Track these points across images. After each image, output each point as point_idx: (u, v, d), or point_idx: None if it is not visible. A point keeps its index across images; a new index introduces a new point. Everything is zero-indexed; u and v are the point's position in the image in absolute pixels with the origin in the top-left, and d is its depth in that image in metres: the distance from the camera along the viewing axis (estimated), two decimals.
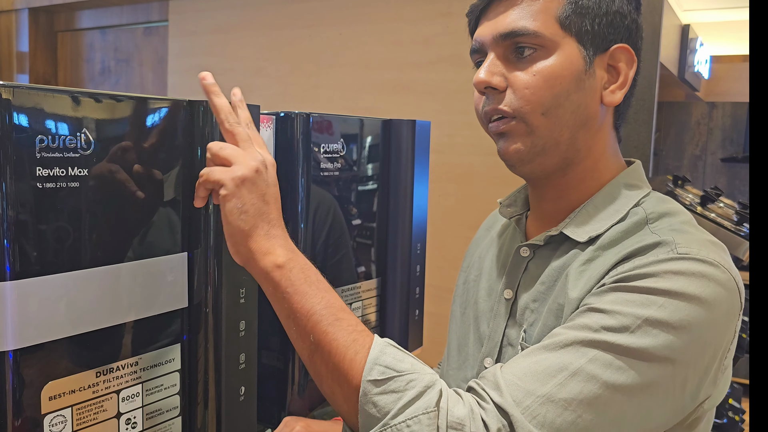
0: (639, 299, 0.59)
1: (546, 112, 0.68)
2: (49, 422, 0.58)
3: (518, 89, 0.69)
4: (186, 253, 0.70)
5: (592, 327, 0.58)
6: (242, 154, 0.66)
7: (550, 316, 0.68)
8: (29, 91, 0.55)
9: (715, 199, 1.82)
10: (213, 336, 0.71)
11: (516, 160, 0.71)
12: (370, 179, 1.00)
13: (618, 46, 0.71)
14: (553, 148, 0.70)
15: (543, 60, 0.68)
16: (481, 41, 0.72)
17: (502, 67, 0.70)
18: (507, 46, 0.70)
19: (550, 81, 0.68)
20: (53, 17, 2.72)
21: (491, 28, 0.71)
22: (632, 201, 0.71)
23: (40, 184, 0.56)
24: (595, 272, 0.65)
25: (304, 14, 2.00)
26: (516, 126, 0.69)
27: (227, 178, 0.64)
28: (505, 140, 0.71)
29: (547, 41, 0.68)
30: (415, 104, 1.81)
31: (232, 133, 0.67)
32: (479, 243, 0.92)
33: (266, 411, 0.92)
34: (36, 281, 0.56)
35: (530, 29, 0.68)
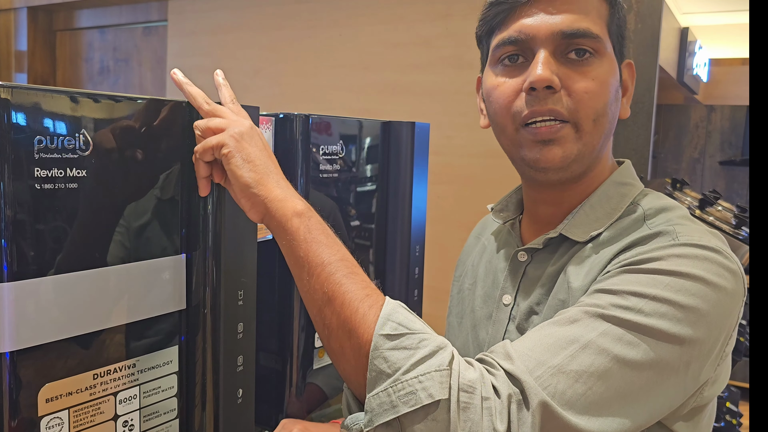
0: (646, 279, 0.59)
1: (596, 119, 0.67)
2: (45, 424, 0.58)
3: (576, 92, 0.66)
4: (184, 255, 0.70)
5: (602, 305, 0.58)
6: (231, 119, 0.67)
7: (550, 312, 0.68)
8: (28, 91, 0.54)
9: (713, 203, 1.82)
10: (211, 338, 0.71)
11: (557, 167, 0.68)
12: (369, 181, 1.00)
13: (628, 61, 0.73)
14: (588, 156, 0.69)
15: (598, 65, 0.67)
16: (529, 34, 0.67)
17: (555, 65, 0.66)
18: (564, 45, 0.67)
19: (605, 87, 0.67)
20: (52, 16, 2.71)
21: (548, 22, 0.66)
22: (628, 199, 0.71)
23: (38, 185, 0.55)
24: (597, 263, 0.65)
25: (304, 15, 1.99)
26: (567, 131, 0.67)
27: (225, 137, 0.65)
28: (551, 146, 0.67)
29: (602, 47, 0.67)
30: (414, 106, 1.81)
31: (212, 112, 0.68)
32: (470, 252, 0.91)
33: (264, 413, 0.91)
34: (34, 282, 0.56)
35: (594, 32, 0.66)
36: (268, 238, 0.87)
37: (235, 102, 0.71)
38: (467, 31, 1.75)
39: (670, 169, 4.39)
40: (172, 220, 0.68)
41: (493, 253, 0.83)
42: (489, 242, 0.86)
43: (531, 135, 0.68)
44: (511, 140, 0.70)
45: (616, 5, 0.70)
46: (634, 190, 0.72)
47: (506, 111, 0.69)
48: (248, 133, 0.66)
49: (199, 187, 0.68)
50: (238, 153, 0.64)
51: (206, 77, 0.72)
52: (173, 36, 2.26)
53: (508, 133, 0.70)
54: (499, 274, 0.79)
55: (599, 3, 0.68)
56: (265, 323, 0.88)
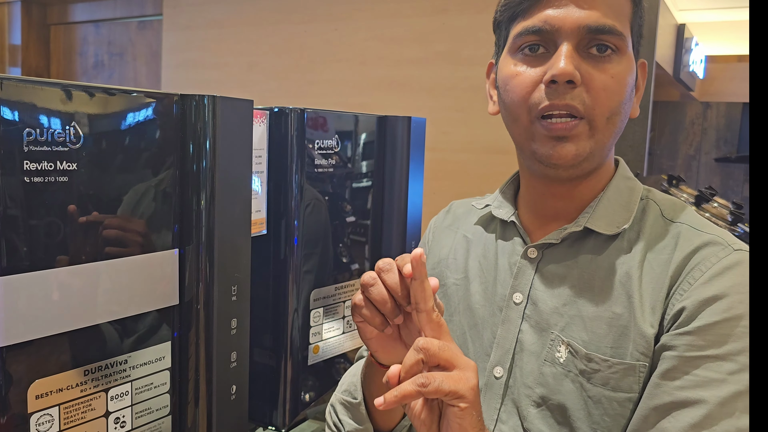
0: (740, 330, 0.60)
1: (610, 117, 0.67)
2: (35, 421, 0.57)
3: (594, 89, 0.65)
4: (177, 250, 0.69)
5: (719, 378, 0.60)
6: (460, 354, 0.59)
7: (600, 324, 0.67)
8: (17, 84, 0.53)
9: (709, 199, 1.82)
10: (204, 334, 0.70)
11: (570, 163, 0.67)
12: (365, 176, 0.99)
13: (642, 60, 0.73)
14: (599, 153, 0.69)
15: (618, 63, 0.67)
16: (555, 26, 0.66)
17: (577, 59, 0.66)
18: (588, 39, 0.66)
19: (622, 86, 0.67)
20: (46, 10, 2.70)
21: (574, 16, 0.65)
22: (636, 193, 0.73)
23: (28, 179, 0.55)
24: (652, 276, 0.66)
25: (300, 9, 1.98)
26: (582, 129, 0.66)
27: (466, 389, 0.56)
28: (564, 143, 0.67)
29: (625, 45, 0.67)
30: (410, 101, 1.81)
31: (438, 324, 0.60)
32: (443, 243, 0.85)
33: (258, 409, 0.91)
34: (24, 277, 0.55)
35: (619, 29, 0.66)
36: (262, 233, 0.87)
37: (438, 312, 0.61)
38: (464, 26, 1.74)
39: (666, 165, 4.40)
40: (165, 214, 0.67)
41: (486, 248, 0.79)
42: (475, 236, 0.82)
43: (545, 130, 0.67)
44: (525, 131, 0.69)
45: (639, 4, 0.70)
46: (638, 184, 0.74)
47: (523, 101, 0.68)
48: (478, 382, 0.59)
49: (385, 400, 0.56)
50: (475, 410, 0.57)
51: (201, 71, 0.71)
52: (168, 30, 2.25)
53: (522, 123, 0.69)
54: (503, 271, 0.76)
55: (624, 1, 0.68)
56: (259, 319, 0.88)
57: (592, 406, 0.66)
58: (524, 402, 0.70)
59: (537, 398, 0.69)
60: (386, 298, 0.63)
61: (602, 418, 0.65)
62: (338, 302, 0.96)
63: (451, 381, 0.56)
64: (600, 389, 0.65)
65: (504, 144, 1.62)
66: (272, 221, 0.88)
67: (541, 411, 0.69)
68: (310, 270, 0.90)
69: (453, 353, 0.58)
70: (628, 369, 0.64)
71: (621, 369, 0.64)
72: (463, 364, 0.58)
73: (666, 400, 0.61)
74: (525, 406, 0.70)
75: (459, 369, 0.57)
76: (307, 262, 0.90)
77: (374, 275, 0.64)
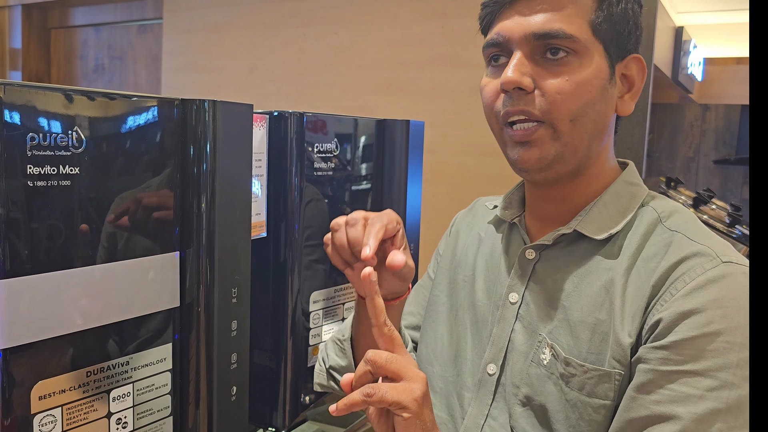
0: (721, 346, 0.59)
1: (574, 120, 0.67)
2: (38, 422, 0.58)
3: (549, 93, 0.66)
4: (178, 253, 0.70)
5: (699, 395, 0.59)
6: (408, 366, 0.61)
7: (584, 329, 0.67)
8: (20, 89, 0.54)
9: (707, 201, 1.83)
10: (205, 336, 0.71)
11: (536, 168, 0.69)
12: (364, 179, 1.00)
13: (633, 56, 0.72)
14: (571, 156, 0.69)
15: (575, 66, 0.67)
16: (506, 36, 0.68)
17: (530, 67, 0.67)
18: (538, 46, 0.67)
19: (582, 88, 0.67)
20: (47, 14, 2.71)
21: (522, 24, 0.67)
22: (638, 199, 0.72)
23: (31, 182, 0.55)
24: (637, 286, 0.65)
25: (300, 13, 1.99)
26: (543, 133, 0.67)
27: (409, 400, 0.59)
28: (527, 148, 0.68)
29: (581, 46, 0.67)
30: (409, 104, 1.81)
31: (390, 338, 0.63)
32: (459, 240, 0.88)
33: (258, 411, 0.91)
34: (27, 280, 0.56)
35: (567, 32, 0.66)
36: (262, 236, 0.87)
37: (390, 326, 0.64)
38: (462, 29, 1.75)
39: (665, 167, 4.40)
40: (165, 217, 0.68)
41: (493, 247, 0.81)
42: (487, 235, 0.84)
43: (509, 136, 0.69)
44: (499, 138, 0.72)
45: (605, 1, 0.68)
46: (642, 190, 0.74)
47: (490, 110, 0.71)
48: (426, 393, 0.61)
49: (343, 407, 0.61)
50: (418, 420, 0.59)
51: (201, 75, 0.72)
52: (168, 34, 2.26)
53: (495, 131, 0.72)
54: (503, 271, 0.77)
55: (582, 2, 0.67)
56: (259, 321, 0.89)
57: (569, 410, 0.66)
58: (512, 400, 0.71)
59: (522, 397, 0.70)
60: (344, 245, 0.75)
61: (578, 423, 0.65)
62: (338, 304, 0.97)
63: (395, 392, 0.59)
64: (576, 393, 0.66)
65: None
66: (272, 224, 0.88)
67: (525, 410, 0.70)
68: (310, 272, 0.91)
69: (400, 365, 0.61)
70: (603, 376, 0.64)
71: (596, 375, 0.64)
72: (411, 375, 0.61)
73: (641, 414, 0.61)
74: (512, 404, 0.71)
75: (406, 381, 0.60)
76: (306, 264, 0.90)
77: (341, 222, 0.76)
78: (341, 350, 0.85)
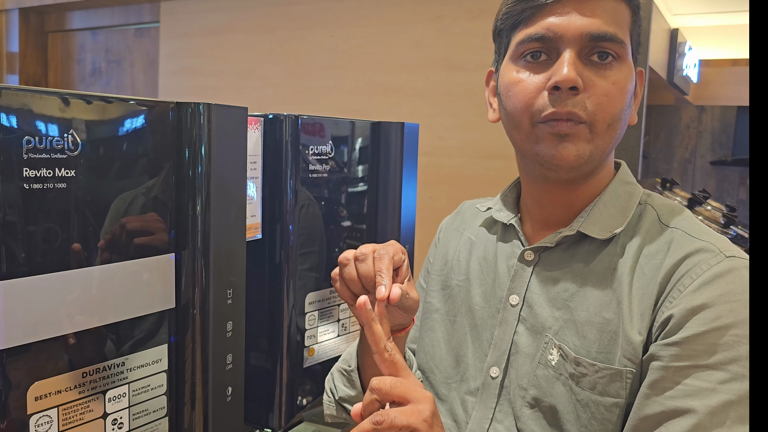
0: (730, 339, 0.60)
1: (611, 124, 0.68)
2: (35, 422, 0.58)
3: (596, 95, 0.66)
4: (173, 254, 0.70)
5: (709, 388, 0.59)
6: (414, 388, 0.62)
7: (591, 329, 0.67)
8: (16, 93, 0.55)
9: (702, 202, 1.84)
10: (200, 337, 0.72)
11: (572, 165, 0.68)
12: (360, 181, 1.01)
13: (639, 68, 0.73)
14: (597, 158, 0.69)
15: (619, 70, 0.68)
16: (557, 33, 0.67)
17: (580, 66, 0.67)
18: (590, 47, 0.67)
19: (624, 93, 0.68)
20: (44, 18, 2.71)
21: (577, 23, 0.66)
22: (635, 197, 0.73)
23: (27, 185, 0.56)
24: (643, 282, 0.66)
25: (297, 16, 2.00)
26: (582, 130, 0.67)
27: (418, 422, 0.59)
28: (566, 143, 0.67)
29: (625, 52, 0.68)
30: (406, 107, 1.82)
31: (392, 362, 0.63)
32: (450, 245, 0.88)
33: (254, 412, 0.92)
34: (23, 282, 0.56)
35: (619, 37, 0.67)
36: (257, 237, 0.88)
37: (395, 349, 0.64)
38: (459, 32, 1.76)
39: (662, 169, 4.41)
40: (161, 219, 0.68)
41: (487, 249, 0.81)
42: (479, 238, 0.83)
43: (549, 127, 0.67)
44: (527, 135, 0.70)
45: (638, 12, 0.70)
46: (638, 189, 0.75)
47: (525, 108, 0.69)
48: (435, 412, 0.61)
49: None
50: None
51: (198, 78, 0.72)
52: (165, 37, 2.27)
53: (524, 128, 0.70)
54: (501, 273, 0.77)
55: (624, 9, 0.69)
56: (254, 322, 0.89)
57: (580, 410, 0.67)
58: (518, 403, 0.71)
59: (530, 399, 0.70)
60: (355, 279, 0.72)
61: (590, 422, 0.66)
62: (333, 305, 0.97)
63: (404, 416, 0.59)
64: (588, 393, 0.66)
65: (498, 149, 1.64)
66: (267, 226, 0.89)
67: (534, 412, 0.70)
68: (305, 274, 0.92)
69: (406, 388, 0.61)
70: (614, 374, 0.65)
71: (608, 374, 0.65)
72: (418, 397, 0.61)
73: (656, 410, 0.61)
74: (519, 406, 0.71)
75: (413, 403, 0.60)
76: (302, 266, 0.91)
77: (350, 257, 0.72)
78: (349, 381, 0.84)
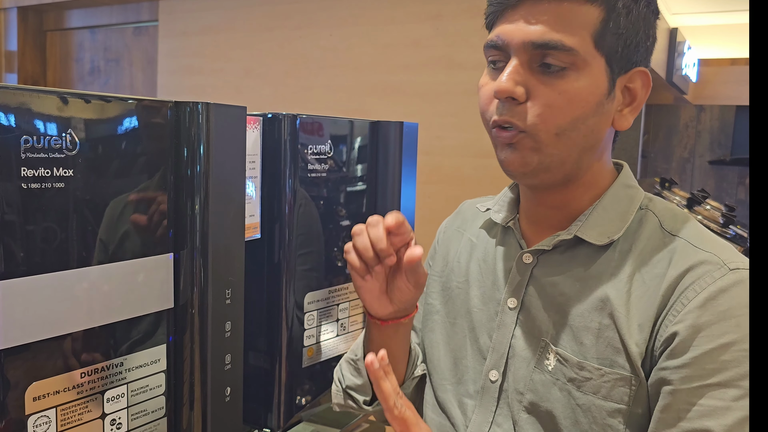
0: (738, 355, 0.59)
1: (560, 133, 0.65)
2: (33, 423, 0.58)
3: (539, 105, 0.64)
4: (172, 254, 0.70)
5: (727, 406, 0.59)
6: None
7: (588, 335, 0.66)
8: (14, 91, 0.55)
9: (701, 202, 1.84)
10: (199, 337, 0.71)
11: (519, 173, 0.68)
12: (359, 180, 1.01)
13: (639, 69, 0.68)
14: (557, 167, 0.67)
15: (571, 79, 0.64)
16: (505, 41, 0.66)
17: (525, 75, 0.65)
18: (535, 55, 0.64)
19: (574, 103, 0.64)
20: (42, 16, 2.71)
21: (522, 31, 0.64)
22: (636, 201, 0.71)
23: (25, 185, 0.56)
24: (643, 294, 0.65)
25: (295, 16, 2.00)
26: (524, 140, 0.66)
27: None
28: (510, 151, 0.67)
29: (580, 60, 0.64)
30: (405, 106, 1.82)
31: (402, 420, 0.65)
32: (451, 245, 0.87)
33: (252, 412, 0.92)
34: (21, 281, 0.56)
35: (567, 45, 0.63)
36: (256, 237, 0.88)
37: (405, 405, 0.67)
38: (457, 31, 1.76)
39: (660, 168, 4.42)
40: (160, 219, 0.68)
41: (487, 251, 0.80)
42: (479, 239, 0.82)
43: (497, 134, 0.68)
44: (491, 139, 0.71)
45: (614, 11, 0.64)
46: (639, 193, 0.73)
47: (483, 113, 0.70)
48: None
49: None
50: None
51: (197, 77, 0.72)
52: (164, 36, 2.26)
53: (488, 132, 0.71)
54: (500, 276, 0.76)
55: (586, 12, 0.64)
56: (253, 322, 0.89)
57: (580, 415, 0.66)
58: (516, 407, 0.71)
59: (527, 404, 0.70)
60: (368, 247, 0.72)
61: (591, 427, 0.65)
62: (332, 305, 0.97)
63: None
64: (591, 397, 0.65)
65: None
66: (266, 225, 0.89)
67: (531, 417, 0.69)
68: (304, 273, 0.92)
69: None
70: (619, 380, 0.64)
71: (612, 379, 0.64)
72: None
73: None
74: (517, 411, 0.71)
75: None
76: (300, 265, 0.91)
77: (362, 227, 0.73)
78: (356, 370, 0.84)
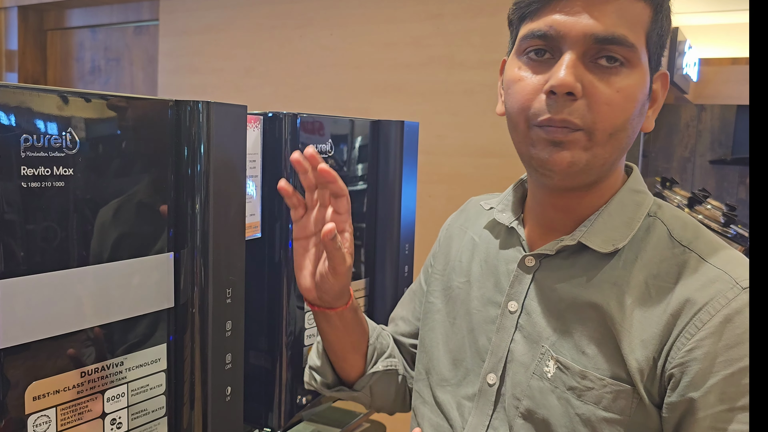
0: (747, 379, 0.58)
1: (614, 134, 0.63)
2: (33, 422, 0.58)
3: (597, 102, 0.62)
4: (172, 253, 0.70)
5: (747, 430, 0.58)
6: None
7: (589, 344, 0.65)
8: (15, 90, 0.54)
9: (702, 201, 1.84)
10: (199, 336, 0.71)
11: (564, 173, 0.64)
12: (359, 179, 1.00)
13: (663, 71, 0.68)
14: (597, 167, 0.65)
15: (627, 76, 0.62)
16: (560, 32, 0.62)
17: (581, 70, 0.62)
18: (595, 49, 0.62)
19: (630, 102, 0.63)
20: (43, 15, 2.71)
21: (583, 23, 0.61)
22: (644, 208, 0.69)
23: (25, 184, 0.55)
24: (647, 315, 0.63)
25: (296, 14, 2.00)
26: (578, 138, 0.63)
27: None
28: (558, 149, 0.63)
29: (636, 57, 0.62)
30: (405, 105, 1.82)
31: None
32: (453, 244, 0.86)
33: (253, 411, 0.92)
34: (21, 281, 0.56)
35: (630, 41, 0.61)
36: (256, 236, 0.88)
37: None
38: (458, 30, 1.76)
39: (661, 168, 4.41)
40: (160, 218, 0.68)
41: (489, 251, 0.78)
42: (482, 239, 0.81)
43: (544, 132, 0.64)
44: (523, 137, 0.67)
45: (660, 12, 0.64)
46: (647, 198, 0.71)
47: (522, 110, 0.65)
48: None
49: None
50: None
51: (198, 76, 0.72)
52: (164, 35, 2.26)
53: (520, 129, 0.67)
54: (502, 278, 0.75)
55: (641, 9, 0.63)
56: (254, 321, 0.89)
57: (578, 424, 0.64)
58: (512, 412, 0.70)
59: (523, 410, 0.68)
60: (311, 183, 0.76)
61: None
62: None
63: None
64: (591, 407, 0.64)
65: (498, 147, 1.64)
66: (267, 224, 0.89)
67: (526, 423, 0.68)
68: None
69: None
70: (621, 391, 0.63)
71: (615, 390, 0.63)
72: None
73: None
74: (513, 416, 0.69)
75: None
76: None
77: None
78: (317, 351, 0.89)
